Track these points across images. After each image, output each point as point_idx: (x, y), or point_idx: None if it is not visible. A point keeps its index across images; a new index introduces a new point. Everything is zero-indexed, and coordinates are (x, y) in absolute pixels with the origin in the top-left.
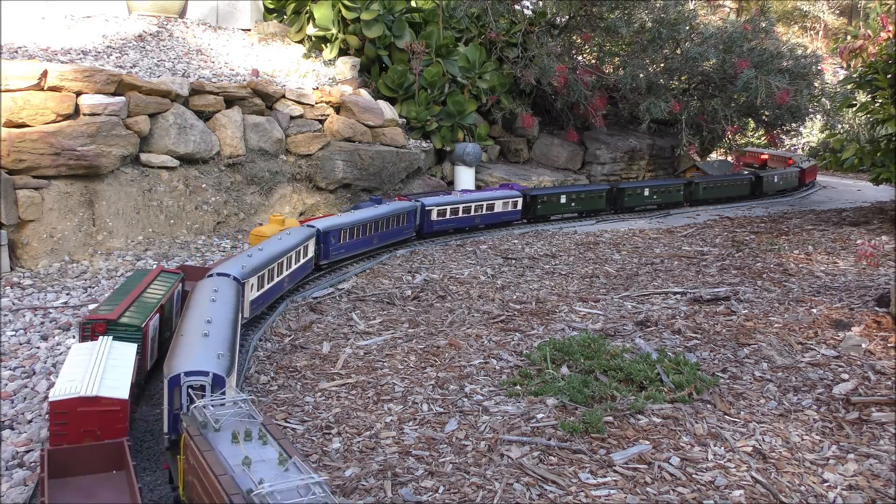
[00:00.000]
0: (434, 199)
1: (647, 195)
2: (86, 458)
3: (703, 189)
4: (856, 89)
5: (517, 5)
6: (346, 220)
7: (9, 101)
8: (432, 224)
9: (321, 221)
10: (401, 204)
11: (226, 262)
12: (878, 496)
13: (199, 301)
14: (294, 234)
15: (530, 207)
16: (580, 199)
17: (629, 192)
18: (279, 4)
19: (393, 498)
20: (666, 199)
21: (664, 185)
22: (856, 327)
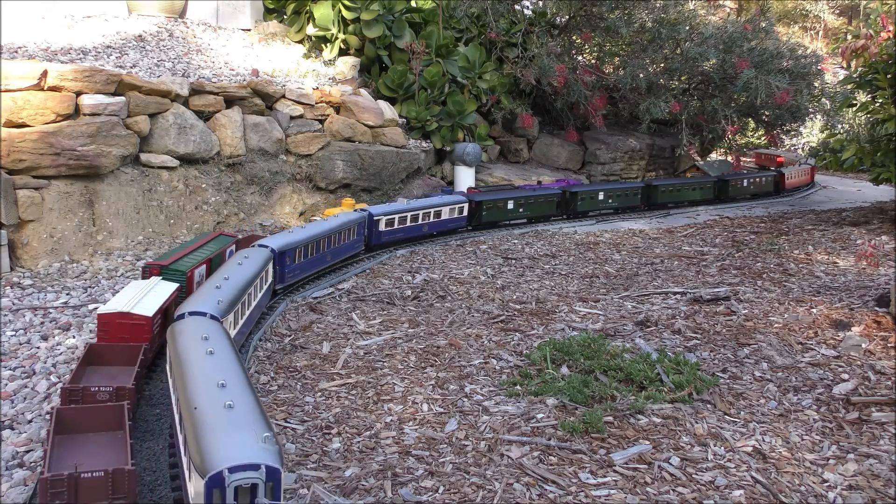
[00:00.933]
0: (382, 208)
1: (601, 199)
2: (90, 417)
3: (662, 192)
4: (856, 89)
5: (517, 5)
6: (300, 237)
7: (9, 101)
8: (381, 235)
9: (275, 239)
10: (350, 215)
11: (194, 297)
12: (878, 496)
13: (191, 353)
14: (253, 258)
15: (475, 214)
16: (529, 205)
17: (582, 196)
18: (279, 4)
19: (393, 498)
20: (622, 203)
21: (620, 188)
22: (856, 327)
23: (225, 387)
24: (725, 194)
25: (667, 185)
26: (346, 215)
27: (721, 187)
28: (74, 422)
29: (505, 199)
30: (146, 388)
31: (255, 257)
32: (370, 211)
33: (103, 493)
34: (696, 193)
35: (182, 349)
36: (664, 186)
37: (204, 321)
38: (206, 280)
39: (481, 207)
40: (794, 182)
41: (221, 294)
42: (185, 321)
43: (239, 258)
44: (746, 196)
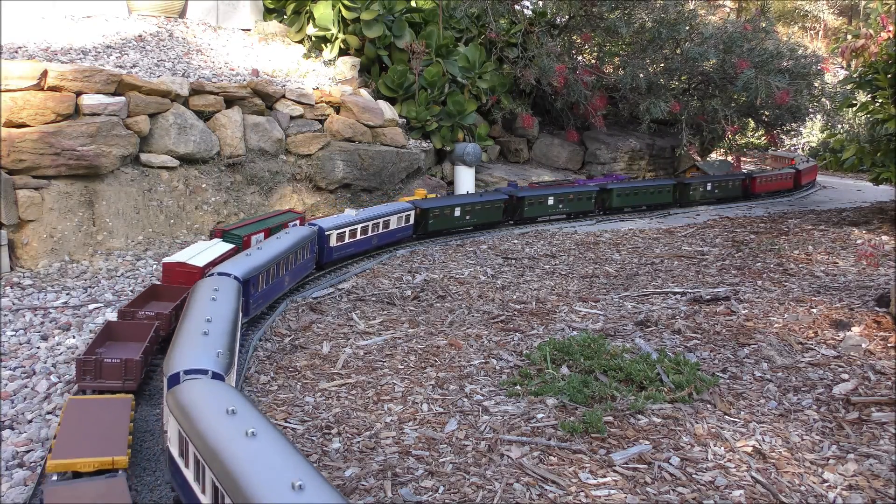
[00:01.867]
0: (332, 221)
1: (551, 204)
2: (130, 330)
3: (618, 196)
4: (856, 89)
5: (517, 5)
6: (261, 260)
7: (9, 101)
8: (332, 252)
9: (236, 265)
10: (301, 230)
11: (183, 348)
12: (878, 496)
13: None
14: (223, 289)
15: (421, 222)
16: (476, 212)
17: (529, 201)
18: (279, 4)
19: (393, 498)
20: (574, 208)
21: (571, 192)
22: (856, 327)
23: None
24: (686, 198)
25: (622, 188)
26: (298, 231)
27: (681, 191)
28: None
29: (452, 206)
30: (146, 388)
31: (225, 289)
32: (320, 225)
33: (118, 374)
34: (655, 197)
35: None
36: (619, 190)
37: (211, 385)
38: (183, 320)
39: (427, 215)
40: (768, 186)
41: (213, 342)
42: (187, 390)
43: (209, 291)
44: (711, 200)
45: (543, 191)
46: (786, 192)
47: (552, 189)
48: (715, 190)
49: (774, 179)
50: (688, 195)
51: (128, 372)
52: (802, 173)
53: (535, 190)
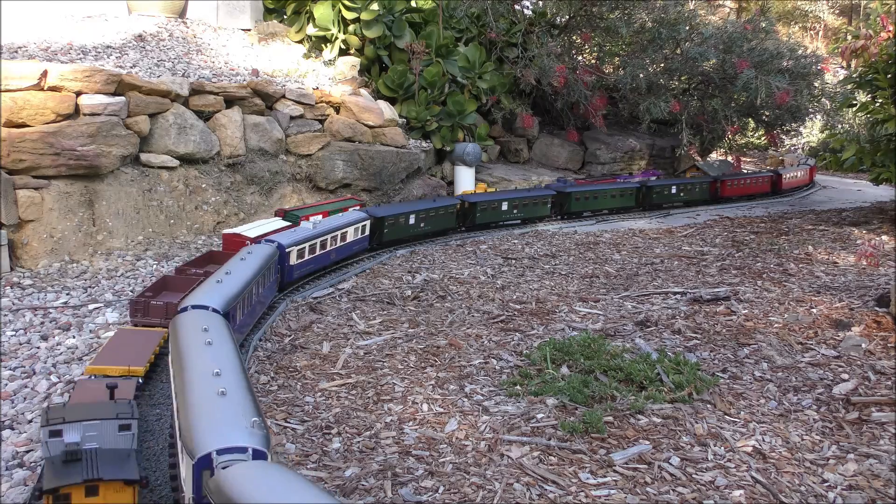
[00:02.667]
0: (291, 237)
1: (505, 210)
2: (180, 283)
3: (576, 200)
4: (856, 89)
5: (517, 5)
6: (236, 287)
7: (9, 101)
8: (292, 271)
9: (212, 295)
10: (264, 249)
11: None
12: (878, 496)
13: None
14: (213, 329)
15: (375, 232)
16: (430, 219)
17: (482, 206)
18: (279, 4)
19: (393, 498)
20: (529, 214)
21: (527, 196)
22: (856, 327)
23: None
24: (650, 201)
25: (581, 191)
26: (261, 249)
27: (645, 194)
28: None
29: (406, 213)
30: (146, 388)
31: (215, 327)
32: (279, 241)
33: (161, 314)
34: (616, 200)
35: None
36: (578, 193)
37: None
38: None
39: (383, 224)
40: (739, 190)
41: (236, 407)
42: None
43: (200, 334)
44: (678, 203)
45: (495, 195)
46: (761, 196)
47: (506, 194)
48: (681, 193)
49: (747, 183)
50: (651, 198)
51: (168, 313)
52: (783, 177)
53: (484, 195)
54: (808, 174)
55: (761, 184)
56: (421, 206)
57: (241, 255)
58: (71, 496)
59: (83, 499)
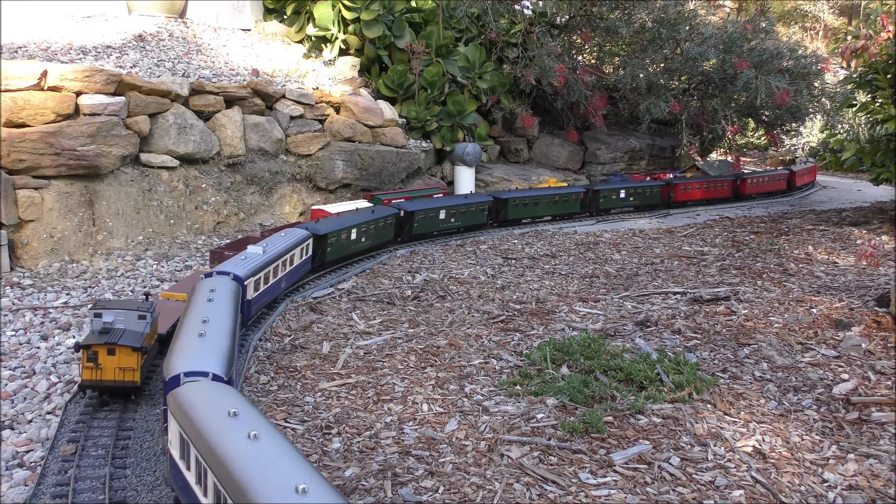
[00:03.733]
0: (246, 266)
1: (442, 218)
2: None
3: (514, 207)
4: (856, 89)
5: (517, 5)
6: (222, 340)
7: (9, 101)
8: (250, 306)
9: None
10: (224, 283)
11: None
12: (878, 496)
13: None
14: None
15: (317, 252)
16: (370, 232)
17: (420, 216)
18: (279, 4)
19: (393, 498)
20: (466, 222)
21: (464, 204)
22: (856, 327)
23: None
24: (596, 206)
25: (519, 198)
26: (223, 284)
27: (592, 199)
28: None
29: (348, 228)
30: (146, 387)
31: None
32: (235, 273)
33: None
34: (559, 206)
35: None
36: (516, 200)
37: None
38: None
39: (325, 242)
40: (693, 195)
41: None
42: None
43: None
44: (629, 208)
45: (432, 203)
46: (722, 200)
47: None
48: (630, 197)
49: (704, 187)
50: (598, 203)
51: None
52: (748, 181)
53: (423, 203)
54: (813, 172)
55: (721, 188)
56: (361, 218)
57: (203, 290)
58: (98, 353)
59: (105, 356)
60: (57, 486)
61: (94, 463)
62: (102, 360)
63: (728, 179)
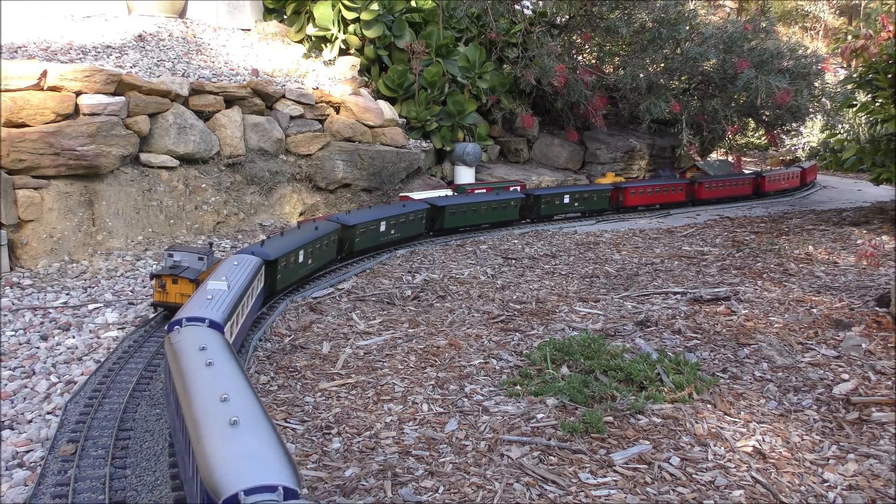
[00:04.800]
0: (216, 309)
1: (382, 231)
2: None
3: (451, 215)
4: (856, 89)
5: (517, 5)
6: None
7: (9, 101)
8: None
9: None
10: (201, 334)
11: None
12: (878, 496)
13: None
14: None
15: (269, 279)
16: (315, 253)
17: (360, 230)
18: (279, 4)
19: (393, 498)
20: (404, 233)
21: (402, 213)
22: (856, 327)
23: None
24: (537, 213)
25: (457, 205)
26: (208, 338)
27: (533, 205)
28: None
29: (296, 250)
30: (147, 388)
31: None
32: (211, 319)
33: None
34: (497, 213)
35: None
36: (453, 207)
37: None
38: None
39: (275, 268)
40: (645, 199)
41: None
42: None
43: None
44: (576, 213)
45: (370, 214)
46: (677, 205)
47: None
48: (575, 203)
49: (656, 191)
50: (539, 209)
51: None
52: (703, 185)
53: (363, 214)
54: (814, 171)
55: (675, 192)
56: (308, 237)
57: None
58: (166, 282)
59: (170, 284)
60: (57, 486)
61: (94, 463)
62: (168, 287)
63: (683, 183)
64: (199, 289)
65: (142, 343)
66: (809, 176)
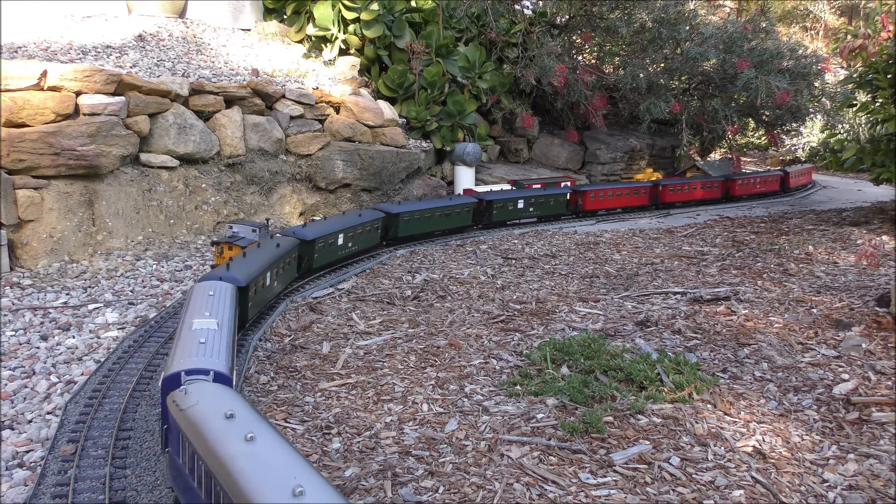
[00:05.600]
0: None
1: (340, 244)
2: None
3: (405, 223)
4: (856, 89)
5: (517, 5)
6: None
7: (9, 101)
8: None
9: None
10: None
11: None
12: (878, 496)
13: None
14: None
15: (243, 305)
16: (279, 272)
17: (320, 243)
18: (279, 4)
19: (393, 498)
20: (361, 245)
21: (357, 224)
22: (856, 327)
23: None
24: (489, 219)
25: (411, 211)
26: (226, 396)
27: (485, 211)
28: None
29: (264, 273)
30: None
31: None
32: (216, 370)
33: None
34: (449, 220)
35: None
36: (407, 214)
37: None
38: None
39: (246, 292)
40: (606, 203)
41: None
42: None
43: None
44: (531, 219)
45: (328, 226)
46: (640, 209)
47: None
48: (530, 208)
49: (618, 195)
50: (492, 214)
51: None
52: (667, 188)
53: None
54: (805, 174)
55: (639, 196)
56: (271, 254)
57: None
58: (223, 248)
59: (227, 250)
60: (57, 486)
61: (94, 463)
62: (224, 252)
63: (647, 186)
64: (184, 327)
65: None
66: (795, 179)
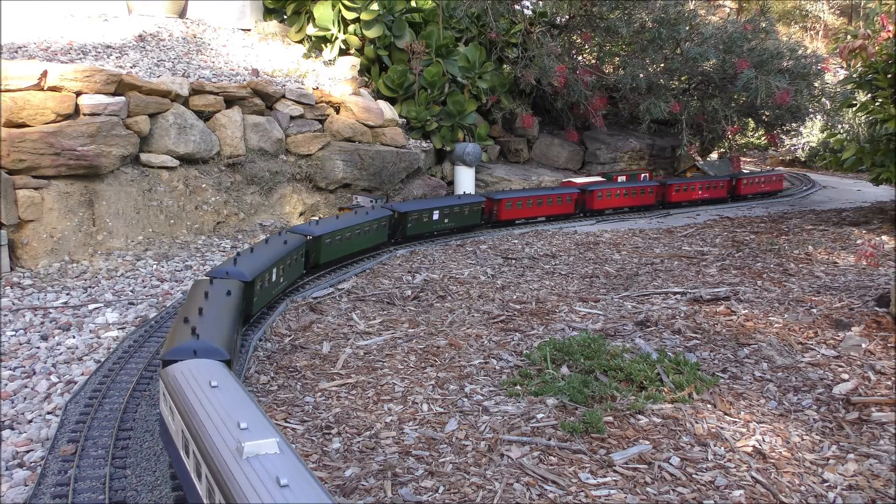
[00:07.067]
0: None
1: (274, 280)
2: None
3: (327, 248)
4: (856, 89)
5: (517, 5)
6: None
7: (9, 101)
8: None
9: None
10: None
11: None
12: (878, 496)
13: None
14: None
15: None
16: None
17: (259, 280)
18: (279, 4)
19: (393, 498)
20: (288, 277)
21: (285, 252)
22: (856, 327)
23: None
24: (403, 233)
25: (333, 232)
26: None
27: (397, 222)
28: None
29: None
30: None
31: None
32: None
33: None
34: (367, 237)
35: None
36: (329, 236)
37: None
38: None
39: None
40: (522, 212)
41: None
42: None
43: None
44: (444, 232)
45: (259, 256)
46: (565, 217)
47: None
48: (445, 219)
49: (538, 203)
50: (406, 228)
51: None
52: (595, 193)
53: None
54: (774, 182)
55: (565, 204)
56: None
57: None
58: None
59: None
60: (57, 486)
61: (94, 463)
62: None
63: (573, 193)
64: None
65: None
66: (748, 188)
